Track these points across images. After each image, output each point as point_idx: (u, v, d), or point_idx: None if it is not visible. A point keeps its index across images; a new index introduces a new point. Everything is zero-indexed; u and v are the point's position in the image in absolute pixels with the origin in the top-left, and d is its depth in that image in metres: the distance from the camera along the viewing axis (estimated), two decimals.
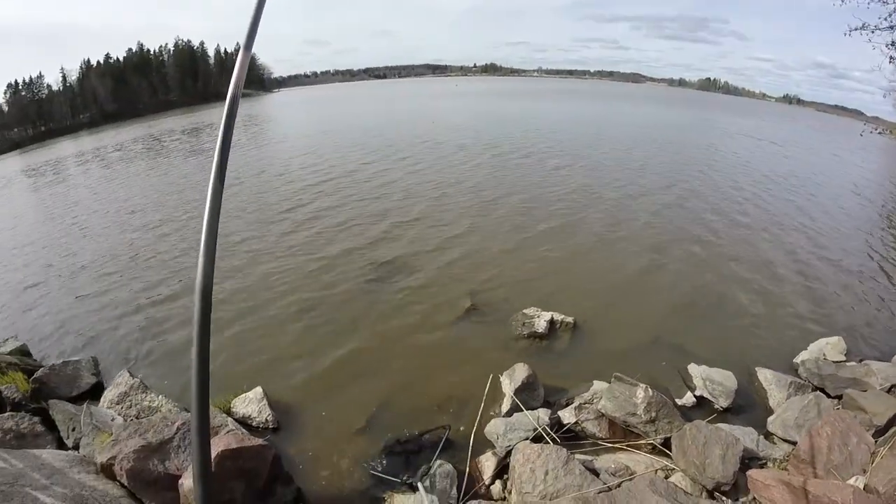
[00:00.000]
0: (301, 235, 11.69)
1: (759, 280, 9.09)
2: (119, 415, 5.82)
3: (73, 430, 5.49)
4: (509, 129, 29.46)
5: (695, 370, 6.15)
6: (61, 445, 5.44)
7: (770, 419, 5.46)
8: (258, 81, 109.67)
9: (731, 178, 18.00)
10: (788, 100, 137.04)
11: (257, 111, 55.17)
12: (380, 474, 4.91)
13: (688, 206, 13.75)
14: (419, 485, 4.33)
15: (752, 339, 7.26)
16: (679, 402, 5.73)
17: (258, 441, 4.16)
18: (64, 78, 72.59)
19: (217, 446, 4.00)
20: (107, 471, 4.25)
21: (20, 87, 66.33)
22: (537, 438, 5.00)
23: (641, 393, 5.17)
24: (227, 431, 4.23)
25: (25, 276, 11.01)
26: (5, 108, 63.28)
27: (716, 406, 5.71)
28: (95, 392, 6.44)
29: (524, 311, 7.55)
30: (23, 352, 7.63)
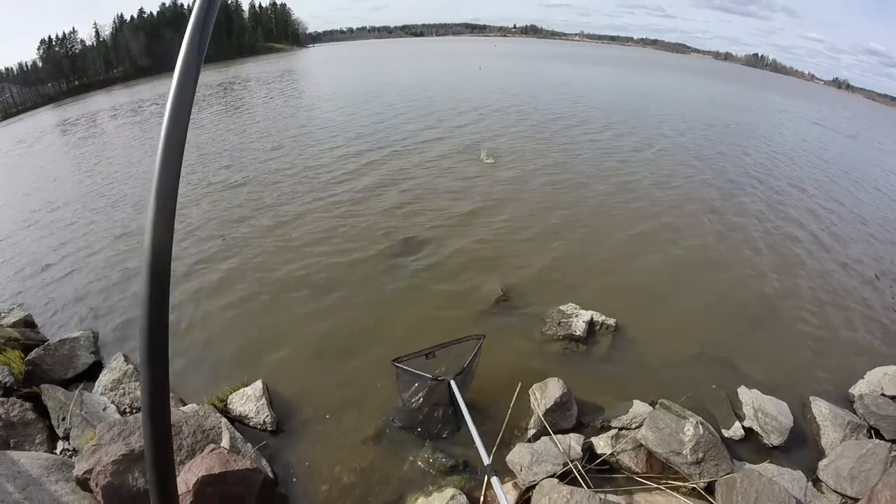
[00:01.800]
0: (330, 206, 11.00)
1: (819, 294, 8.05)
2: (112, 402, 5.46)
3: (64, 419, 5.13)
4: (561, 100, 27.51)
5: (745, 396, 5.42)
6: (52, 434, 5.12)
7: (822, 464, 4.76)
8: (293, 36, 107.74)
9: (801, 175, 15.89)
10: (838, 84, 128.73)
11: (301, 67, 54.18)
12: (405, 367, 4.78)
13: (750, 208, 11.98)
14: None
15: (807, 362, 6.40)
16: (726, 433, 5.05)
17: (245, 464, 3.66)
18: (97, 33, 72.42)
19: (198, 469, 3.52)
20: (83, 484, 3.82)
21: (54, 43, 66.53)
22: (566, 472, 4.41)
23: (691, 430, 4.49)
24: (212, 450, 3.73)
25: (45, 238, 10.76)
26: (39, 64, 63.61)
27: (765, 441, 5.01)
28: (93, 372, 6.08)
29: (561, 307, 6.80)
30: (27, 322, 7.36)
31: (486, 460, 3.65)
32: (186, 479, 3.45)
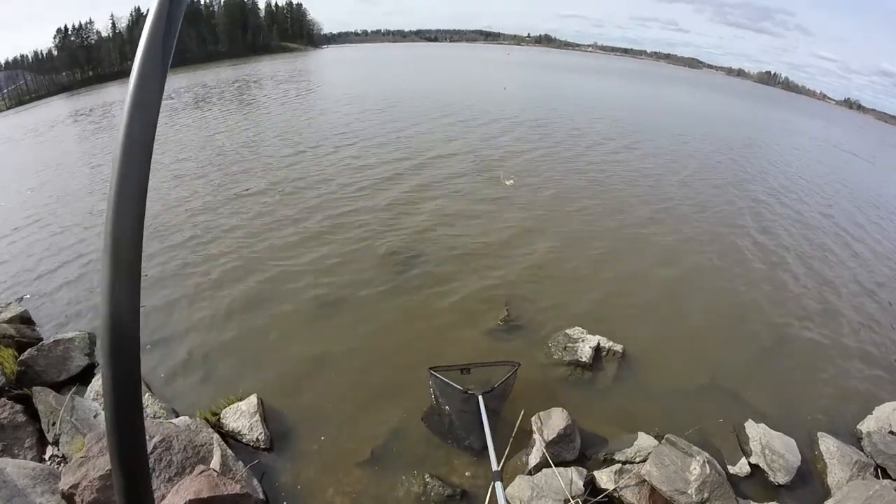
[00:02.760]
0: (342, 217, 10.81)
1: (831, 327, 7.81)
2: (104, 409, 5.32)
3: (54, 424, 5.02)
4: (583, 115, 26.86)
5: (753, 431, 5.24)
6: (42, 438, 5.02)
7: None
8: (307, 36, 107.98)
9: (818, 199, 15.46)
10: (849, 104, 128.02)
11: (311, 68, 54.38)
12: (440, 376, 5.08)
13: (778, 237, 11.44)
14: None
15: (817, 395, 6.21)
16: (732, 469, 4.88)
17: (235, 489, 3.53)
18: (113, 24, 72.91)
19: (186, 492, 3.39)
20: (69, 499, 3.70)
21: (70, 33, 66.96)
22: None
23: (697, 468, 4.35)
24: (201, 472, 3.60)
25: (51, 234, 10.62)
26: (55, 52, 63.97)
27: (771, 479, 4.84)
28: (86, 376, 5.98)
29: (567, 331, 6.64)
30: (24, 319, 7.24)
31: (496, 466, 3.86)
32: (173, 502, 3.32)
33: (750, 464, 4.95)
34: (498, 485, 3.50)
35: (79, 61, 65.03)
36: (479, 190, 12.67)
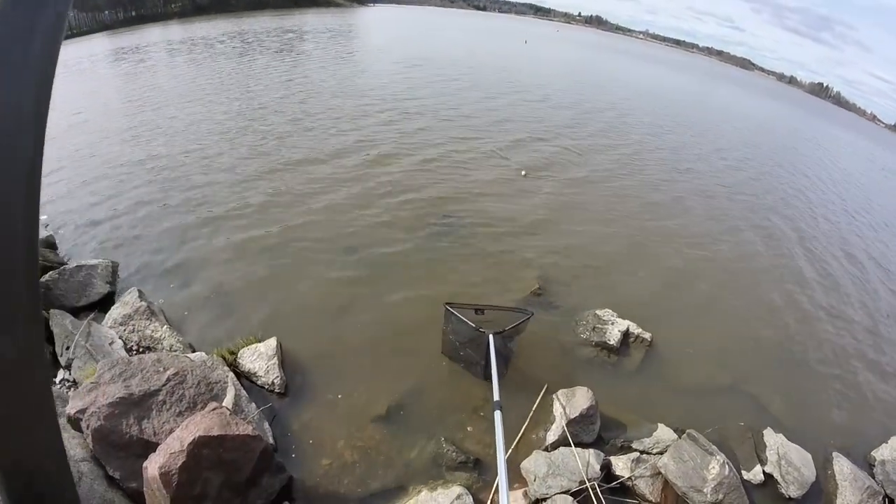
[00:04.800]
0: (380, 172, 10.53)
1: (864, 348, 7.37)
2: (120, 337, 5.25)
3: (68, 348, 4.94)
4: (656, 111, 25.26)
5: (771, 439, 4.98)
6: (55, 362, 4.93)
7: None
8: None
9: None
10: None
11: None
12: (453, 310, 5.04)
13: (827, 256, 10.74)
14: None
15: (836, 414, 5.88)
16: (745, 475, 4.64)
17: (247, 430, 3.37)
18: None
19: (196, 427, 3.24)
20: (75, 424, 3.59)
21: None
22: (580, 490, 4.06)
23: (716, 468, 4.15)
24: (213, 409, 3.45)
25: (82, 162, 10.51)
26: None
27: (782, 491, 4.59)
28: (106, 304, 5.87)
29: (597, 311, 6.37)
30: (48, 243, 7.18)
31: (497, 396, 3.94)
32: (182, 436, 3.18)
33: (764, 472, 4.73)
34: (497, 413, 3.59)
35: (122, 1, 65.02)
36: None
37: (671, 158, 15.66)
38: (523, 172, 11.52)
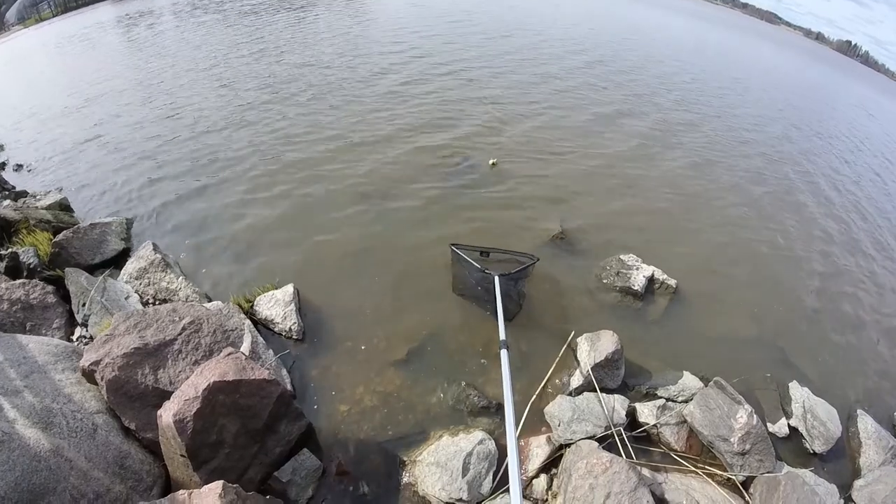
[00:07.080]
0: (395, 116, 10.14)
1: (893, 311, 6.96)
2: (136, 291, 5.21)
3: (84, 305, 4.91)
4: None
5: (797, 393, 4.79)
6: (71, 319, 4.94)
7: (858, 484, 4.23)
8: None
9: None
10: None
11: None
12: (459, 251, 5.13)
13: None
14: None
15: (862, 373, 5.61)
16: (770, 428, 4.48)
17: (263, 374, 3.27)
18: None
19: (211, 373, 3.15)
20: (89, 376, 3.54)
21: None
22: (605, 436, 3.97)
23: (744, 417, 4.02)
24: (228, 354, 3.35)
25: (93, 124, 10.37)
26: None
27: (807, 446, 4.45)
28: (121, 260, 5.82)
29: (621, 256, 6.11)
30: (62, 206, 7.13)
31: (503, 335, 3.85)
32: (196, 382, 3.10)
33: (789, 426, 4.57)
34: (504, 353, 3.53)
35: None
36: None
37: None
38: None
